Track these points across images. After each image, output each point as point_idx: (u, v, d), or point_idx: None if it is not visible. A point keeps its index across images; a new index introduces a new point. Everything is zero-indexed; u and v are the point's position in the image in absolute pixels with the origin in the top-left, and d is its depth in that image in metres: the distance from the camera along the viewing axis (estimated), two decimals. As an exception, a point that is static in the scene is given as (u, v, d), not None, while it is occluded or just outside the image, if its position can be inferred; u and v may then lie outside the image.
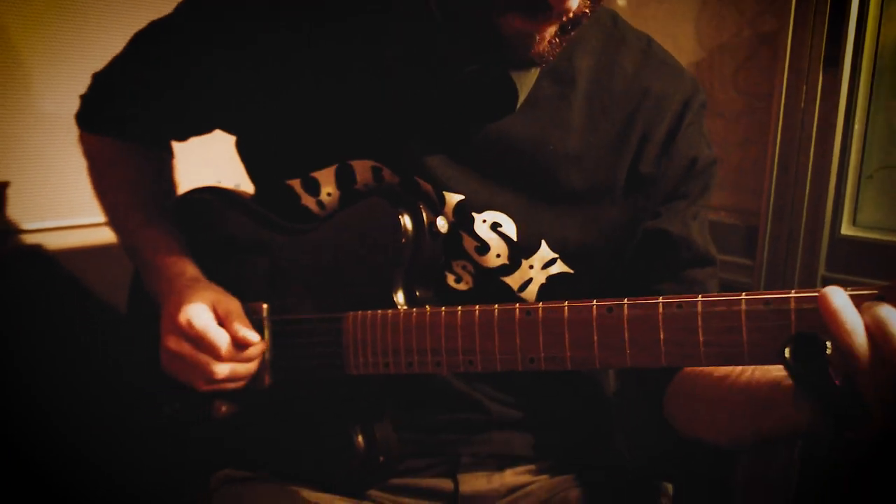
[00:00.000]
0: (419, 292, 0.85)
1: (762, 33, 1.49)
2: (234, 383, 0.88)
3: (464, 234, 0.86)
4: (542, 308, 0.71)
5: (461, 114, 0.83)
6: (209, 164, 1.16)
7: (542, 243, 0.86)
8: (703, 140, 0.89)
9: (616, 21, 0.90)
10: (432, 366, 0.78)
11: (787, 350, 0.53)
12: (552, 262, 0.87)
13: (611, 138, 0.85)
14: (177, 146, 1.09)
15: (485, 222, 0.85)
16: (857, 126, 1.39)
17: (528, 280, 0.88)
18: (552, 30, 0.70)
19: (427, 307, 0.78)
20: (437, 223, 0.85)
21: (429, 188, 0.84)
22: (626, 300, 0.66)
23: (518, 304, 0.72)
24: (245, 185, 1.03)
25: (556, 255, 0.87)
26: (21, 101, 1.22)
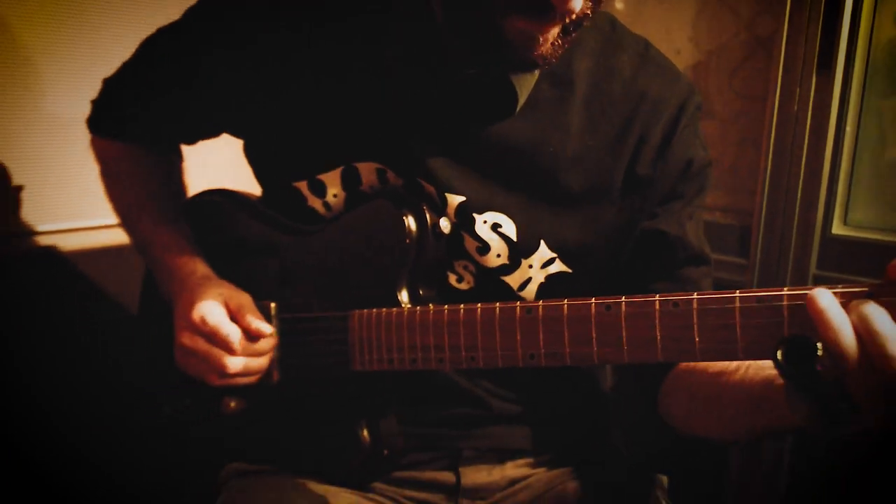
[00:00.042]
0: (422, 291, 0.86)
1: (757, 37, 1.49)
2: (246, 378, 0.88)
3: (465, 234, 0.86)
4: (542, 306, 0.71)
5: (462, 116, 0.83)
6: (217, 168, 1.16)
7: (541, 243, 0.86)
8: (699, 142, 0.89)
9: (614, 25, 0.90)
10: (435, 362, 0.78)
11: (779, 352, 0.54)
12: (551, 261, 0.87)
13: (609, 140, 0.85)
14: (186, 150, 1.10)
15: (485, 223, 0.85)
16: (849, 128, 1.40)
17: (528, 279, 0.88)
18: (555, 31, 0.70)
19: (430, 305, 0.79)
20: (440, 224, 0.85)
21: (431, 190, 0.84)
22: (623, 298, 0.67)
23: (519, 303, 0.72)
24: (246, 189, 1.03)
25: (554, 255, 0.87)
26: (35, 107, 1.23)
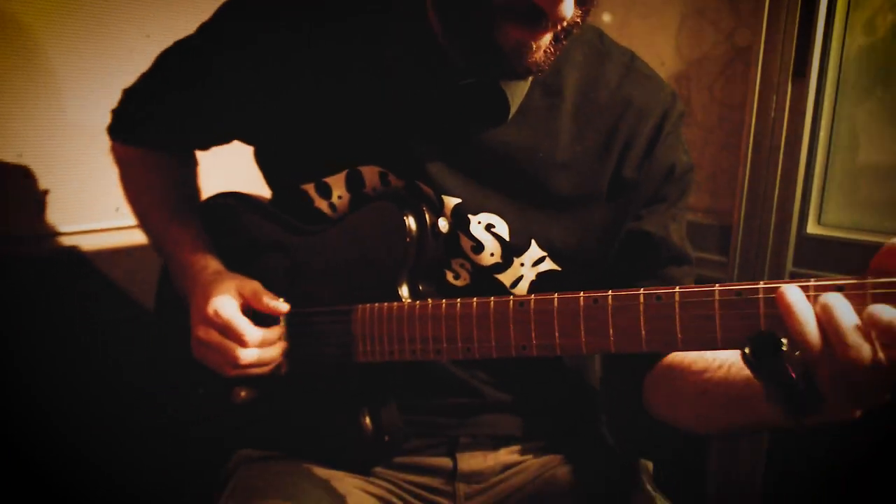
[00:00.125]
0: (422, 287, 0.86)
1: (736, 47, 1.49)
2: (259, 368, 0.88)
3: (461, 234, 0.86)
4: (533, 300, 0.71)
5: (458, 122, 0.84)
6: (229, 172, 1.16)
7: (532, 243, 0.86)
8: (681, 148, 0.89)
9: (602, 38, 0.90)
10: (433, 353, 0.78)
11: (747, 349, 0.54)
12: (541, 259, 0.87)
13: (596, 146, 0.85)
14: (200, 155, 1.10)
15: (479, 223, 0.85)
16: (823, 133, 1.40)
17: (520, 277, 0.88)
18: (547, 39, 0.70)
19: (429, 300, 0.79)
20: (439, 224, 0.86)
21: (430, 192, 0.85)
22: (610, 292, 0.67)
23: (512, 297, 0.73)
24: (256, 192, 1.04)
25: (544, 254, 0.87)
26: (59, 115, 1.23)
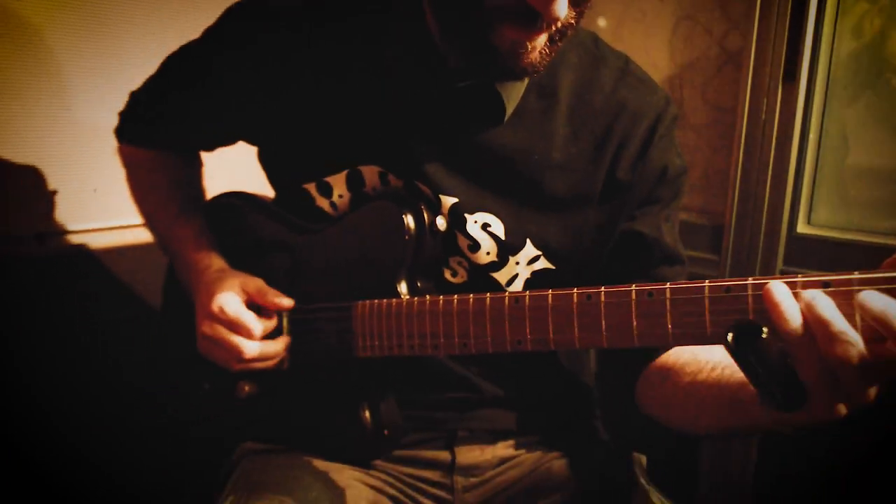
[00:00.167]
0: (420, 283, 0.86)
1: (728, 51, 1.49)
2: (262, 363, 0.89)
3: (458, 233, 0.86)
4: (528, 296, 0.71)
5: (456, 123, 0.84)
6: (233, 173, 1.17)
7: (527, 242, 0.86)
8: (675, 150, 0.88)
9: (597, 42, 0.90)
10: (431, 348, 0.79)
11: (729, 335, 0.54)
12: (536, 258, 0.87)
13: (590, 148, 0.85)
14: (205, 156, 1.11)
15: (476, 223, 0.85)
16: (812, 135, 1.41)
17: (515, 275, 0.88)
18: (542, 39, 0.70)
19: (427, 297, 0.79)
20: (437, 222, 0.86)
21: (428, 191, 0.85)
22: (602, 288, 0.67)
23: (507, 293, 0.73)
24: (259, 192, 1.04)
25: (539, 253, 0.87)
26: (68, 117, 1.24)
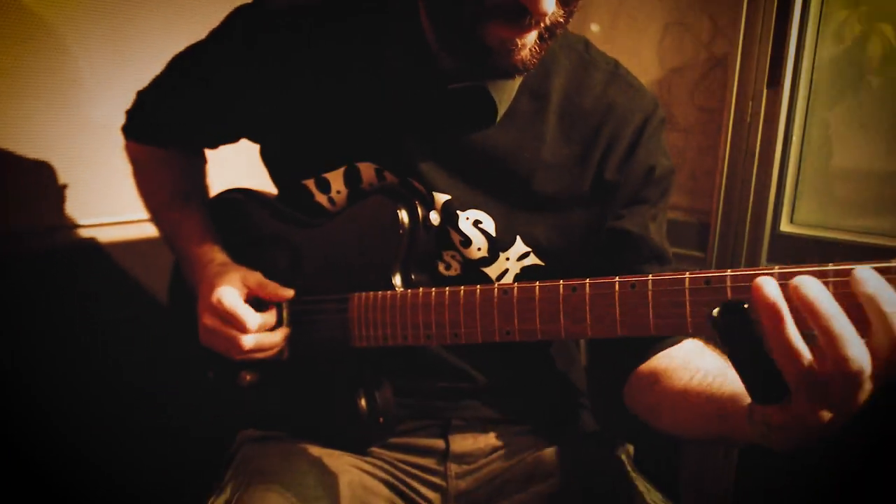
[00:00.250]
0: (414, 276, 0.86)
1: (715, 56, 1.49)
2: (263, 353, 0.89)
3: (450, 229, 0.86)
4: (516, 288, 0.72)
5: (449, 123, 0.83)
6: (237, 171, 1.17)
7: (517, 239, 0.86)
8: (662, 152, 0.88)
9: (588, 46, 0.90)
10: (424, 338, 0.79)
11: (715, 311, 0.53)
12: (526, 255, 0.87)
13: (579, 149, 0.85)
14: (210, 154, 1.11)
15: (468, 219, 0.85)
16: (796, 137, 1.40)
17: (505, 271, 0.88)
18: (532, 37, 0.70)
19: (420, 289, 0.79)
20: (430, 217, 0.86)
21: (421, 188, 0.85)
22: (588, 280, 0.67)
23: (496, 285, 0.73)
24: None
25: (529, 250, 0.87)
26: (78, 114, 1.24)
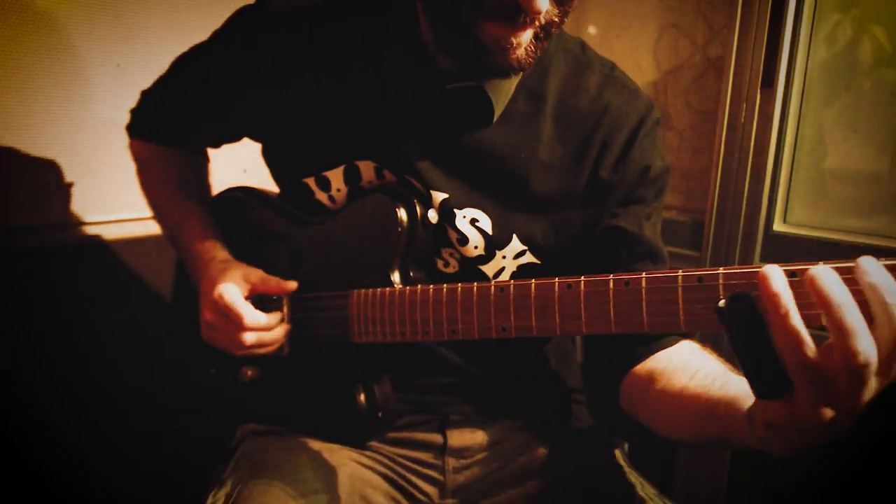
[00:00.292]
0: (413, 273, 0.86)
1: (710, 59, 1.49)
2: (263, 349, 0.89)
3: (448, 227, 0.86)
4: (513, 285, 0.71)
5: (447, 123, 0.83)
6: (239, 168, 1.17)
7: (514, 237, 0.86)
8: (657, 152, 0.87)
9: (584, 49, 0.90)
10: (421, 334, 0.79)
11: (721, 301, 0.52)
12: (522, 253, 0.87)
13: (575, 149, 0.85)
14: (212, 153, 1.11)
15: (464, 218, 0.85)
16: (789, 138, 1.40)
17: (501, 269, 0.88)
18: (527, 36, 0.70)
19: (418, 286, 0.79)
20: (429, 216, 0.85)
21: (420, 187, 0.85)
22: (582, 278, 0.67)
23: (493, 282, 0.73)
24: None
25: (525, 248, 0.87)
26: (84, 113, 1.24)
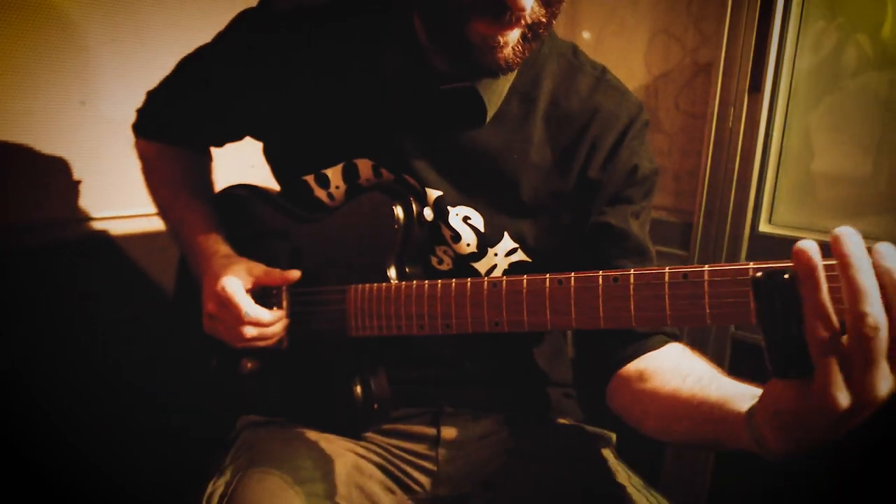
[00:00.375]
0: (408, 269, 0.86)
1: (699, 63, 1.49)
2: (263, 342, 0.88)
3: (442, 224, 0.86)
4: (505, 281, 0.72)
5: (442, 123, 0.83)
6: (241, 166, 1.16)
7: (505, 235, 0.86)
8: (645, 154, 0.87)
9: (576, 52, 0.90)
10: (416, 328, 0.79)
11: (759, 273, 0.50)
12: (513, 251, 0.87)
13: (565, 150, 0.84)
14: (215, 152, 1.10)
15: (457, 215, 0.85)
16: (775, 142, 1.40)
17: (493, 266, 0.88)
18: (514, 35, 0.70)
19: (414, 281, 0.79)
20: (425, 213, 0.85)
21: (416, 184, 0.85)
22: (573, 274, 0.67)
23: (486, 278, 0.73)
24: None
25: (516, 245, 0.87)
26: (84, 111, 1.24)
